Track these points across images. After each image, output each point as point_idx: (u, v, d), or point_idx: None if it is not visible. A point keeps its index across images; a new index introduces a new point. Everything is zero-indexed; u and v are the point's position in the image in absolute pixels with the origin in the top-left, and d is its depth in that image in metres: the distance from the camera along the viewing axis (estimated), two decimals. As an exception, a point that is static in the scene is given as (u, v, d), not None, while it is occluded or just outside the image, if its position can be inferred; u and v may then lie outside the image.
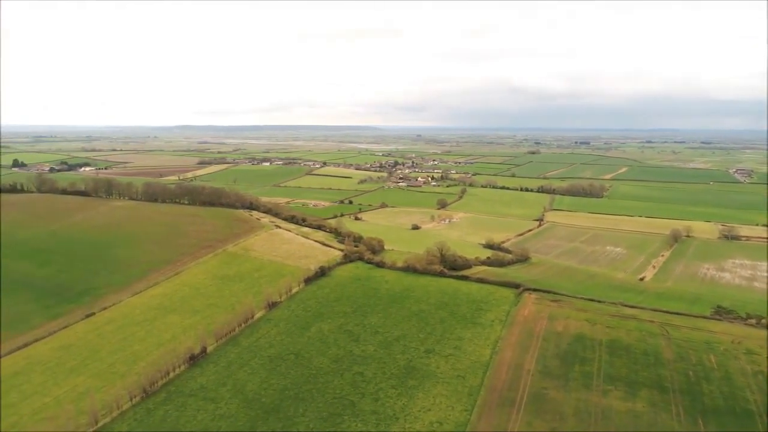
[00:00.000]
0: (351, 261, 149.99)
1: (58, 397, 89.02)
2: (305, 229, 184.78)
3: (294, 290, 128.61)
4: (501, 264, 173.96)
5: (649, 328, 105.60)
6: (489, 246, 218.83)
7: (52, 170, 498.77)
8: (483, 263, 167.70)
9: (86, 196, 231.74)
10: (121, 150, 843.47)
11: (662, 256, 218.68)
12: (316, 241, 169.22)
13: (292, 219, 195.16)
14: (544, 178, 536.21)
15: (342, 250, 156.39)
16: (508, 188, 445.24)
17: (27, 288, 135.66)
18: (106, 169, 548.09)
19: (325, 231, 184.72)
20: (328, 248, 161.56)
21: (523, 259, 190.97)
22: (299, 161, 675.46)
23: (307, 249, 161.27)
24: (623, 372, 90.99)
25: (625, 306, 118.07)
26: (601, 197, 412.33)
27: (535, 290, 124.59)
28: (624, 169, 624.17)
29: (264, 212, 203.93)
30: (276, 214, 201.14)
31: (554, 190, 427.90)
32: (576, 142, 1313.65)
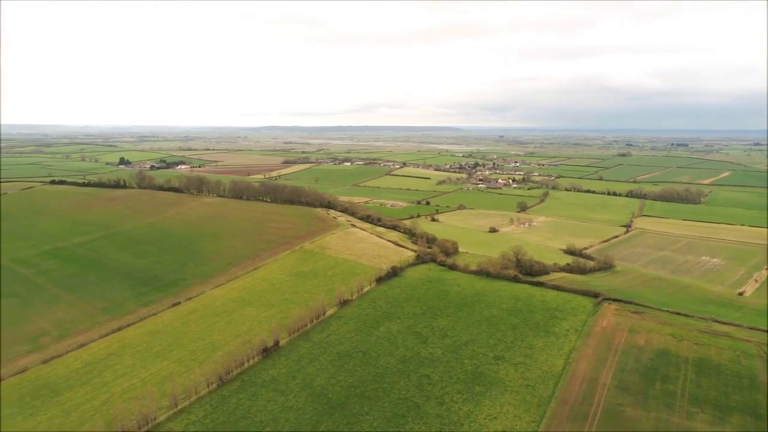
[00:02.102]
0: (423, 262, 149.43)
1: (144, 378, 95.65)
2: (380, 229, 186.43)
3: (365, 289, 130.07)
4: (581, 271, 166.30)
5: (745, 348, 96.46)
6: (570, 252, 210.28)
7: (152, 168, 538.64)
8: (562, 270, 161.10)
9: (179, 193, 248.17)
10: (213, 149, 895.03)
11: (767, 269, 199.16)
12: (389, 241, 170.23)
13: (367, 218, 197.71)
14: (635, 181, 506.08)
15: (415, 251, 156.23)
16: (594, 192, 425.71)
17: (124, 277, 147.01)
18: (199, 167, 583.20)
19: (399, 231, 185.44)
20: (401, 249, 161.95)
21: (606, 266, 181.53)
22: (379, 161, 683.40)
23: (380, 249, 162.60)
24: (712, 394, 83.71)
25: (718, 322, 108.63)
26: (699, 203, 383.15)
27: (615, 300, 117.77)
28: (726, 174, 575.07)
29: (341, 211, 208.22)
30: (352, 214, 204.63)
31: (645, 194, 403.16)
32: (672, 144, 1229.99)
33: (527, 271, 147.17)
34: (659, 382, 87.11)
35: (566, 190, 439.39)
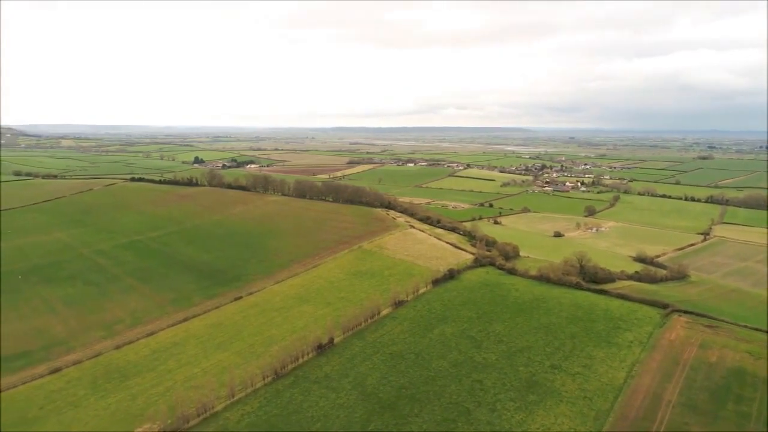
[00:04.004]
0: (482, 265, 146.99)
1: (205, 368, 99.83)
2: (439, 231, 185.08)
3: (421, 290, 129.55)
4: (651, 280, 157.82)
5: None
6: (640, 259, 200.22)
7: (224, 166, 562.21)
8: (630, 278, 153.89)
9: (246, 191, 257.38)
10: (282, 149, 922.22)
11: None
12: (448, 243, 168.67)
13: (426, 220, 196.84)
14: (716, 186, 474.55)
15: (473, 254, 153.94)
16: (669, 197, 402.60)
17: (191, 270, 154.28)
18: (267, 166, 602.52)
19: (458, 233, 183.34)
20: (460, 251, 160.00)
21: (679, 276, 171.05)
22: (443, 162, 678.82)
23: (438, 250, 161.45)
24: (792, 419, 76.97)
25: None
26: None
27: (686, 312, 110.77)
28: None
29: (400, 212, 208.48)
30: (411, 215, 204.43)
31: (727, 200, 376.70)
32: (760, 147, 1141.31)
33: (591, 278, 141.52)
34: (732, 403, 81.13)
35: (639, 194, 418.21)
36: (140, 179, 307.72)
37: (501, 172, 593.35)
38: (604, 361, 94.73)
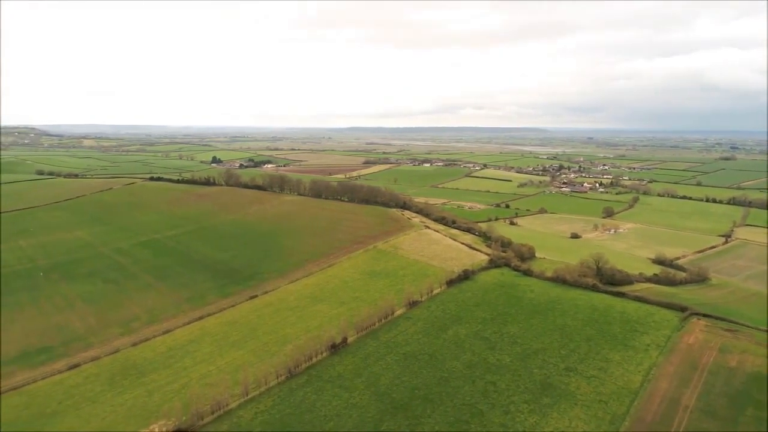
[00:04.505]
0: (497, 266, 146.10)
1: (220, 366, 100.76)
2: (454, 231, 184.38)
3: (435, 291, 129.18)
4: (670, 283, 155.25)
5: None
6: (659, 262, 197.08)
7: (241, 166, 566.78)
8: (648, 280, 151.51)
9: (263, 190, 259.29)
10: (299, 149, 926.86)
11: None
12: (463, 243, 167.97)
13: (441, 220, 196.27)
14: (738, 188, 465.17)
15: (488, 255, 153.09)
16: (690, 198, 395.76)
17: (207, 269, 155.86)
18: (284, 166, 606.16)
19: (473, 234, 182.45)
20: (475, 252, 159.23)
21: (699, 279, 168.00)
22: (459, 163, 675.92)
23: (453, 251, 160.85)
24: (814, 426, 75.12)
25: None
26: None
27: (705, 315, 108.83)
28: None
29: (415, 212, 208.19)
30: (426, 215, 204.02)
31: (750, 202, 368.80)
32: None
33: (608, 280, 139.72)
34: (751, 408, 79.49)
35: (659, 195, 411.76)
36: (159, 178, 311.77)
37: (518, 172, 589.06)
38: (620, 365, 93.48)
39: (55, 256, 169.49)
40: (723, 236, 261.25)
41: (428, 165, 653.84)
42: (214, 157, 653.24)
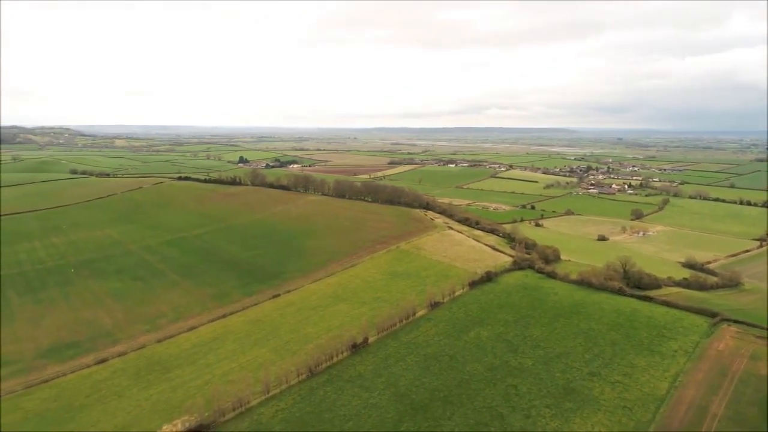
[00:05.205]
0: (520, 268, 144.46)
1: (242, 364, 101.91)
2: (477, 232, 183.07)
3: (457, 292, 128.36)
4: (700, 287, 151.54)
5: None
6: (689, 266, 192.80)
7: (267, 166, 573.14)
8: (677, 284, 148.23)
9: (287, 190, 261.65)
10: (324, 150, 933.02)
11: None
12: (486, 245, 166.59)
13: (465, 221, 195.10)
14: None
15: (512, 257, 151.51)
16: (723, 200, 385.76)
17: (232, 267, 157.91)
18: (309, 166, 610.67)
19: (497, 235, 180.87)
20: (498, 253, 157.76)
21: (731, 284, 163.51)
22: (485, 163, 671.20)
23: (476, 252, 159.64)
24: None
25: None
26: None
27: (736, 322, 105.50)
28: None
29: (438, 213, 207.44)
30: (450, 216, 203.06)
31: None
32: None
33: (635, 283, 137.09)
34: (784, 418, 76.69)
35: (690, 197, 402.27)
36: (186, 178, 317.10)
37: (544, 173, 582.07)
38: (646, 370, 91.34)
39: (85, 253, 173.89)
40: (758, 240, 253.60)
41: (453, 165, 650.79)
42: (241, 157, 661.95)
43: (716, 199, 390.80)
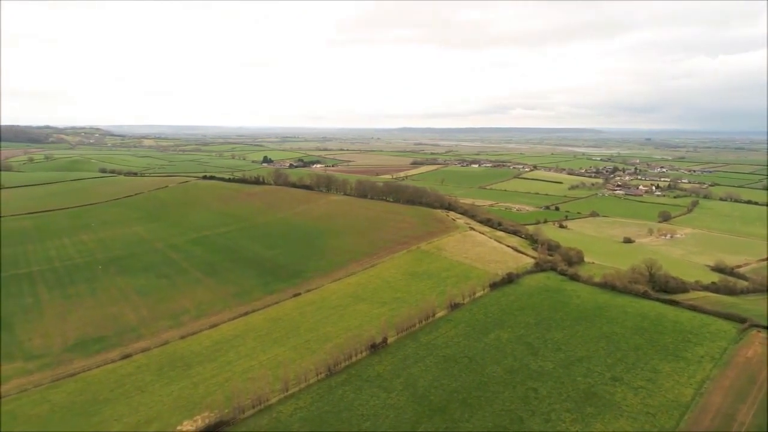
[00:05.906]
0: (543, 270, 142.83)
1: (262, 362, 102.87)
2: (499, 233, 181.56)
3: (478, 294, 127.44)
4: (730, 292, 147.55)
5: None
6: (718, 269, 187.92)
7: (291, 166, 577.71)
8: (705, 288, 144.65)
9: (310, 190, 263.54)
10: (347, 150, 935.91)
11: None
12: (508, 246, 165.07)
13: (487, 222, 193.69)
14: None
15: (534, 258, 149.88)
16: (755, 203, 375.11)
17: (254, 266, 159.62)
18: (333, 166, 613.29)
19: (519, 237, 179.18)
20: (520, 255, 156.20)
21: (762, 289, 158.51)
22: (509, 164, 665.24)
23: (497, 253, 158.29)
24: None
25: None
26: None
27: (766, 328, 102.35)
28: None
29: (460, 213, 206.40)
30: (472, 216, 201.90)
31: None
32: None
33: (661, 287, 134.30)
34: (815, 429, 74.12)
35: (721, 199, 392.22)
36: (212, 177, 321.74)
37: (569, 174, 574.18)
38: (671, 376, 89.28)
39: (113, 250, 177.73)
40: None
41: (476, 166, 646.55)
42: (265, 157, 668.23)
43: (748, 202, 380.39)
